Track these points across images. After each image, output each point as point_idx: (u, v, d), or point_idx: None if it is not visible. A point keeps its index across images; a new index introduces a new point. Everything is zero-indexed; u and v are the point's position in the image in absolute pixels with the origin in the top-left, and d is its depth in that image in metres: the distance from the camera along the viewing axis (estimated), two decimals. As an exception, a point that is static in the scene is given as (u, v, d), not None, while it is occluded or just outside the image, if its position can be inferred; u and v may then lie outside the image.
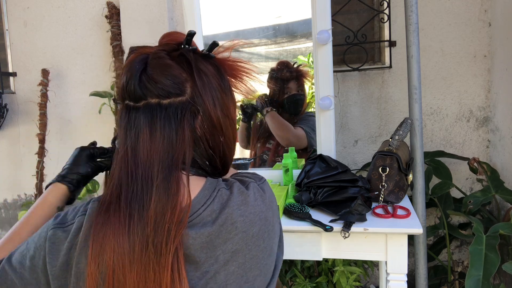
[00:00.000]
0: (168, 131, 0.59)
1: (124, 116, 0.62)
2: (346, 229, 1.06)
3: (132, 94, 0.60)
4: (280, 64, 1.67)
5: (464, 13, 1.77)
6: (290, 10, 1.64)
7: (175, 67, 0.61)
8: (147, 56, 0.62)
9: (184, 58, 0.62)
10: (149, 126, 0.59)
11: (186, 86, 0.61)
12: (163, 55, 0.62)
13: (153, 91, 0.59)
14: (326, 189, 1.24)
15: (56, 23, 2.21)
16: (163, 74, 0.60)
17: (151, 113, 0.59)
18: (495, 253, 1.22)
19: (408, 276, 1.14)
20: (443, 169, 1.72)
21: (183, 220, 0.56)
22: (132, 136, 0.60)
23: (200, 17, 1.53)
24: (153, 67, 0.60)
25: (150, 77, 0.59)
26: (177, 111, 0.60)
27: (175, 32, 0.67)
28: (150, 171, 0.58)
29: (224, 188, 0.62)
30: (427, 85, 1.83)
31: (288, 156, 1.46)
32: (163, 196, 0.56)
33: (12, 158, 2.35)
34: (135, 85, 0.59)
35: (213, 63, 0.66)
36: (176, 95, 0.60)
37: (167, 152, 0.59)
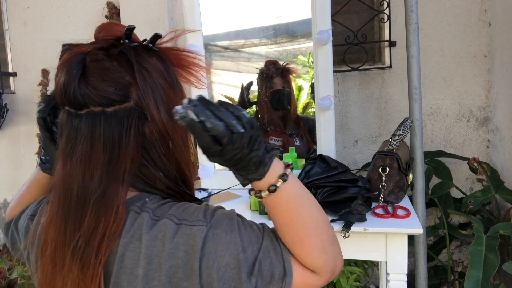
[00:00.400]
0: (112, 140, 0.54)
1: (65, 123, 0.56)
2: (346, 229, 1.06)
3: (72, 101, 0.55)
4: (268, 61, 1.69)
5: (464, 13, 1.77)
6: (290, 10, 1.64)
7: (116, 70, 0.55)
8: (85, 56, 0.56)
9: (125, 56, 0.57)
10: (91, 135, 0.55)
11: (131, 90, 0.55)
12: (102, 56, 0.56)
13: (95, 99, 0.54)
14: (326, 189, 1.24)
15: (56, 23, 2.21)
16: (103, 80, 0.54)
17: (93, 122, 0.54)
18: (495, 254, 1.22)
19: (408, 276, 1.14)
20: (443, 169, 1.72)
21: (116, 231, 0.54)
22: (73, 146, 0.55)
23: (200, 17, 1.53)
24: (92, 72, 0.55)
25: (90, 84, 0.54)
26: (123, 119, 0.55)
27: (112, 23, 0.62)
28: (88, 185, 0.55)
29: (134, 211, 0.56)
30: (427, 85, 1.82)
31: (288, 156, 1.46)
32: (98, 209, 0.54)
33: (12, 158, 2.35)
34: (75, 92, 0.54)
35: (158, 55, 0.59)
36: (120, 102, 0.55)
37: (108, 165, 0.55)
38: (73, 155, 0.55)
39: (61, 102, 0.57)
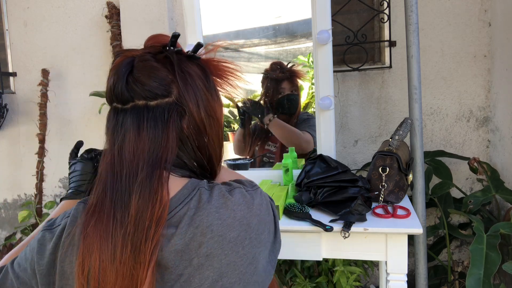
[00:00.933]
0: (154, 131, 0.60)
1: (112, 119, 0.63)
2: (346, 229, 1.06)
3: (119, 97, 0.61)
4: (274, 65, 1.67)
5: (464, 13, 1.77)
6: (290, 10, 1.64)
7: (161, 69, 0.62)
8: (133, 59, 0.63)
9: (169, 60, 0.63)
10: (136, 127, 0.60)
11: (172, 87, 0.62)
12: (149, 57, 0.63)
13: (140, 93, 0.60)
14: (326, 189, 1.24)
15: (56, 23, 2.21)
16: (149, 76, 0.61)
17: (138, 114, 0.61)
18: (496, 252, 1.22)
19: (408, 276, 1.14)
20: (443, 169, 1.72)
21: (161, 218, 0.56)
22: (119, 137, 0.61)
23: (200, 17, 1.53)
24: (139, 70, 0.61)
25: (137, 80, 0.61)
26: (164, 112, 0.61)
27: (160, 34, 0.68)
28: (134, 170, 0.59)
29: (205, 188, 0.62)
30: (427, 85, 1.83)
31: (288, 156, 1.46)
32: (144, 194, 0.57)
33: (12, 158, 2.35)
34: (122, 88, 0.61)
35: (198, 64, 0.66)
36: (162, 96, 0.61)
37: (152, 152, 0.60)
38: (120, 144, 0.60)
39: (109, 100, 0.64)
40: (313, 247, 1.14)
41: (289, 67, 1.66)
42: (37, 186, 2.22)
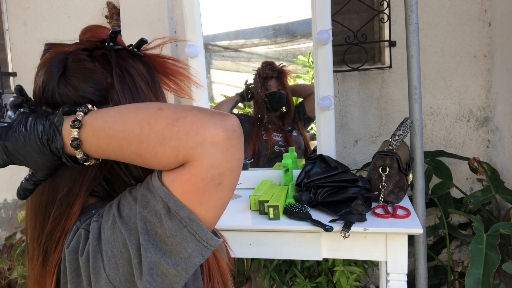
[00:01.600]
0: None
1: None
2: (346, 229, 1.06)
3: (50, 101, 0.54)
4: (265, 63, 1.71)
5: (464, 13, 1.77)
6: (290, 10, 1.64)
7: (97, 71, 0.54)
8: (66, 56, 0.55)
9: (107, 58, 0.56)
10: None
11: (111, 92, 0.54)
12: (84, 57, 0.55)
13: (73, 99, 0.53)
14: (326, 189, 1.24)
15: (56, 23, 2.21)
16: (84, 80, 0.53)
17: None
18: (496, 252, 1.22)
19: (408, 276, 1.14)
20: (443, 169, 1.72)
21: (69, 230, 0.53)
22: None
23: (200, 17, 1.53)
24: (73, 72, 0.54)
25: (70, 83, 0.53)
26: None
27: (97, 25, 0.60)
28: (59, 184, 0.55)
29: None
30: (427, 85, 1.83)
31: (288, 156, 1.46)
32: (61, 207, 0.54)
33: (12, 158, 2.35)
34: (53, 91, 0.53)
35: (142, 60, 0.59)
36: (99, 103, 0.53)
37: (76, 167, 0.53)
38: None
39: (38, 102, 0.55)
40: (313, 247, 1.14)
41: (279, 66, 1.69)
42: (37, 186, 2.22)
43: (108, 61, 0.55)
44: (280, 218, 1.16)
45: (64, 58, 0.55)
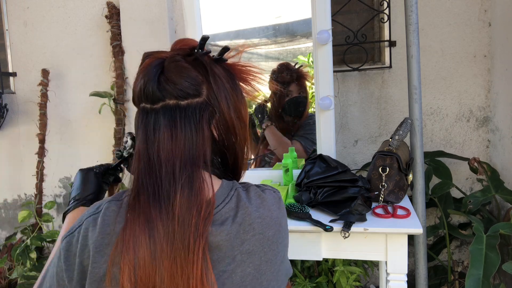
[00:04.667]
0: (189, 130, 0.61)
1: (142, 119, 0.63)
2: (346, 229, 1.06)
3: (150, 96, 0.62)
4: (281, 66, 1.66)
5: (464, 13, 1.77)
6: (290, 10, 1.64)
7: (191, 70, 0.63)
8: (163, 60, 0.64)
9: (199, 61, 0.64)
10: (169, 126, 0.61)
11: (203, 87, 0.63)
12: (179, 58, 0.64)
13: (172, 92, 0.61)
14: (326, 189, 1.24)
15: (56, 23, 2.21)
16: (181, 76, 0.61)
17: (170, 113, 0.61)
18: (496, 253, 1.22)
19: (408, 276, 1.14)
20: (443, 169, 1.72)
21: (209, 215, 0.58)
22: (151, 137, 0.61)
23: (200, 17, 1.53)
24: (170, 70, 0.62)
25: (169, 79, 0.61)
26: (195, 112, 0.62)
27: (187, 38, 0.69)
28: (172, 169, 0.59)
29: (241, 188, 0.65)
30: (427, 85, 1.83)
31: (288, 156, 1.46)
32: (187, 193, 0.58)
33: (12, 158, 2.35)
34: (154, 87, 0.61)
35: (224, 66, 0.67)
36: (193, 96, 0.62)
37: (189, 151, 0.60)
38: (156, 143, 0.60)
39: (138, 100, 0.64)
40: (313, 247, 1.14)
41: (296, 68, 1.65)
42: (37, 186, 2.22)
43: (200, 64, 0.64)
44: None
45: (162, 61, 0.64)
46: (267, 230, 0.61)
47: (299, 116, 1.67)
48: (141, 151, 0.62)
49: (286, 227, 0.67)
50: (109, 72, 2.13)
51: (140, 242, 0.56)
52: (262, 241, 0.61)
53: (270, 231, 0.62)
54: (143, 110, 0.63)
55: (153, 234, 0.56)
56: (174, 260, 0.55)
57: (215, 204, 0.60)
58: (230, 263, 0.58)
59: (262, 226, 0.61)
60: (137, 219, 0.57)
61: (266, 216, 0.62)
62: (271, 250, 0.62)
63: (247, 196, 0.64)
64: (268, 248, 0.61)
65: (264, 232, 0.61)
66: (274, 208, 0.64)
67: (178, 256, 0.55)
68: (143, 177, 0.60)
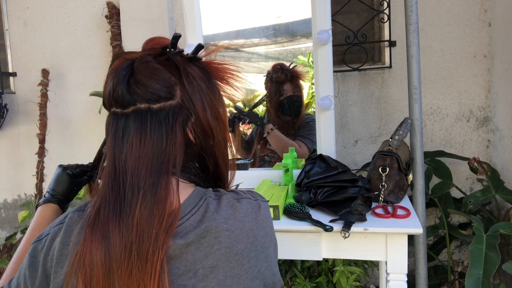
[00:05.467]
0: (159, 135, 0.58)
1: (112, 124, 0.60)
2: (346, 229, 1.06)
3: (120, 100, 0.58)
4: (275, 66, 1.67)
5: (464, 13, 1.77)
6: (290, 10, 1.64)
7: (163, 71, 0.59)
8: (133, 61, 0.60)
9: (171, 61, 0.61)
10: (139, 132, 0.58)
11: (176, 89, 0.60)
12: (150, 59, 0.60)
13: (143, 96, 0.58)
14: (326, 189, 1.24)
15: (56, 23, 2.21)
16: (152, 78, 0.58)
17: (141, 118, 0.58)
18: (496, 253, 1.22)
19: (408, 276, 1.14)
20: (443, 169, 1.72)
21: (172, 226, 0.55)
22: (120, 143, 0.58)
23: (200, 17, 1.53)
24: (141, 72, 0.59)
25: (139, 82, 0.58)
26: (168, 115, 0.59)
27: (159, 36, 0.66)
28: (137, 178, 0.56)
29: (212, 198, 0.61)
30: (427, 85, 1.83)
31: (288, 156, 1.46)
32: (150, 202, 0.55)
33: (12, 158, 2.35)
34: (123, 91, 0.58)
35: (200, 65, 0.64)
36: (166, 99, 0.59)
37: (157, 157, 0.57)
38: (123, 152, 0.58)
39: (108, 104, 0.61)
40: (313, 247, 1.14)
41: (291, 67, 1.66)
42: (37, 186, 2.21)
43: (172, 64, 0.61)
44: (280, 218, 1.16)
45: (132, 62, 0.60)
46: (235, 243, 0.57)
47: (295, 114, 1.68)
48: (108, 159, 0.59)
49: (266, 239, 0.61)
50: (109, 72, 2.13)
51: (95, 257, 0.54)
52: (228, 255, 0.56)
53: (239, 245, 0.57)
54: (114, 115, 0.60)
55: (109, 249, 0.54)
56: (129, 274, 0.53)
57: (179, 214, 0.56)
58: (191, 277, 0.55)
59: (230, 239, 0.56)
60: (94, 233, 0.55)
61: (236, 228, 0.57)
62: (240, 265, 0.57)
63: (217, 206, 0.59)
64: (236, 262, 0.56)
65: (231, 245, 0.56)
66: (249, 219, 0.59)
67: (135, 268, 0.53)
68: (107, 187, 0.57)
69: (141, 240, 0.53)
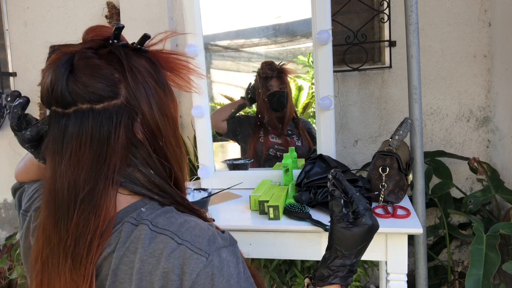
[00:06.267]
0: (100, 138, 0.54)
1: (53, 125, 0.56)
2: (346, 229, 1.05)
3: (59, 100, 0.54)
4: (264, 63, 1.70)
5: (464, 13, 1.77)
6: (290, 10, 1.64)
7: (105, 67, 0.55)
8: (73, 56, 0.55)
9: (114, 55, 0.56)
10: (79, 134, 0.54)
11: (120, 87, 0.55)
12: (91, 54, 0.55)
13: (84, 96, 0.53)
14: (326, 189, 1.24)
15: (56, 23, 2.21)
16: (92, 76, 0.53)
17: (82, 120, 0.54)
18: (496, 253, 1.22)
19: (408, 276, 1.14)
20: (443, 169, 1.72)
21: (106, 231, 0.53)
22: (60, 147, 0.55)
23: (200, 17, 1.53)
24: (81, 69, 0.54)
25: (78, 80, 0.53)
26: (112, 116, 0.54)
27: (100, 25, 0.60)
28: (77, 184, 0.54)
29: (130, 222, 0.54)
30: (427, 85, 1.83)
31: (288, 156, 1.46)
32: (87, 208, 0.53)
33: (12, 158, 2.35)
34: (63, 90, 0.53)
35: (146, 57, 0.59)
36: (109, 98, 0.54)
37: (96, 162, 0.54)
38: (61, 156, 0.54)
39: (47, 103, 0.56)
40: (313, 247, 1.14)
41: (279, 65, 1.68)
42: (37, 186, 2.22)
43: (115, 58, 0.56)
44: (280, 218, 1.16)
45: (71, 57, 0.55)
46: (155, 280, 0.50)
47: (281, 109, 1.70)
48: (48, 159, 0.56)
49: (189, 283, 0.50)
50: (109, 72, 2.13)
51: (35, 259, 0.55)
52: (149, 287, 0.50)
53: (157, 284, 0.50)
54: (55, 114, 0.56)
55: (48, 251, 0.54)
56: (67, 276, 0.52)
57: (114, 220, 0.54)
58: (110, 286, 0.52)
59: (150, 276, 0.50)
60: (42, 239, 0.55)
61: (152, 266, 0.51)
62: None
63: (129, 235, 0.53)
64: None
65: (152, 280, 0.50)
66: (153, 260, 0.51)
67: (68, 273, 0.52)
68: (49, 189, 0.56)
69: (76, 245, 0.52)
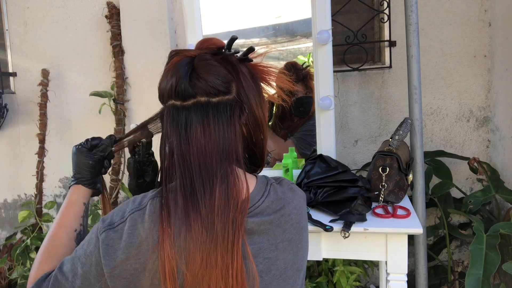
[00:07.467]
0: (221, 127, 0.63)
1: (172, 115, 0.65)
2: (346, 229, 1.06)
3: (182, 94, 0.63)
4: (288, 65, 1.64)
5: (464, 13, 1.77)
6: (290, 10, 1.64)
7: (221, 68, 0.65)
8: (193, 58, 0.66)
9: (227, 60, 0.67)
10: (202, 123, 0.63)
11: (232, 85, 0.66)
12: (209, 57, 0.66)
13: (204, 89, 0.63)
14: (326, 189, 1.24)
15: (56, 23, 2.21)
16: (211, 73, 0.64)
17: (202, 110, 0.63)
18: (496, 252, 1.22)
19: (408, 276, 1.14)
20: (443, 169, 1.72)
21: (244, 210, 0.61)
22: (183, 132, 0.63)
23: (200, 17, 1.53)
24: (202, 68, 0.64)
25: (200, 76, 0.63)
26: (226, 109, 0.64)
27: (213, 38, 0.71)
28: (208, 164, 0.61)
29: (275, 183, 0.70)
30: (427, 85, 1.82)
31: (288, 156, 1.46)
32: (225, 188, 0.61)
33: (12, 158, 2.35)
34: (186, 84, 0.63)
35: (248, 66, 0.70)
36: (224, 93, 0.64)
37: (222, 147, 0.63)
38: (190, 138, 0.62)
39: (167, 97, 0.66)
40: (313, 247, 1.14)
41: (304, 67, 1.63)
42: (37, 186, 2.21)
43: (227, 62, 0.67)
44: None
45: (191, 59, 0.66)
46: (301, 219, 0.68)
47: (303, 116, 1.66)
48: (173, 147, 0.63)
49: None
50: (109, 72, 2.13)
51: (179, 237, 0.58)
52: (298, 229, 0.67)
53: (302, 221, 0.69)
54: (173, 107, 0.65)
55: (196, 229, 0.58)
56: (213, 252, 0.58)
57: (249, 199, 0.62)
58: (273, 250, 0.64)
59: (298, 216, 0.67)
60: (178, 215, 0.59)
61: (299, 207, 0.69)
62: (304, 238, 0.69)
63: (282, 190, 0.68)
64: (302, 236, 0.68)
65: (299, 221, 0.68)
66: (302, 200, 0.71)
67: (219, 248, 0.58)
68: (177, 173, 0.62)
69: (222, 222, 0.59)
